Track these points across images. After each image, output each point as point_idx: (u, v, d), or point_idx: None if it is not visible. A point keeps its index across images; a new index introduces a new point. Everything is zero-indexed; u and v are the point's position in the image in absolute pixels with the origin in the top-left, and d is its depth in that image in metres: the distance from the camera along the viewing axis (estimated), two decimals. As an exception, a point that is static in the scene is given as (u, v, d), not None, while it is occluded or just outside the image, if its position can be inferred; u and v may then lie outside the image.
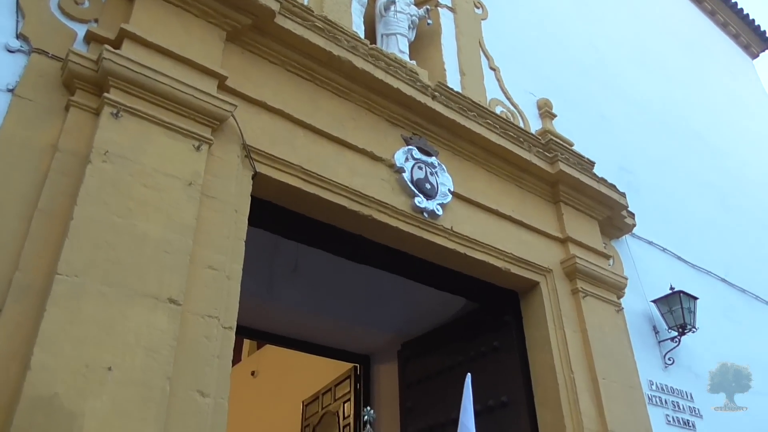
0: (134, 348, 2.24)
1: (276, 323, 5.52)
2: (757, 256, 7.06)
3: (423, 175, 3.81)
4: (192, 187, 2.70)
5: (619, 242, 5.28)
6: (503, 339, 4.39)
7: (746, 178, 8.12)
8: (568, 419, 3.80)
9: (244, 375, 7.78)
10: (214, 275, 2.66)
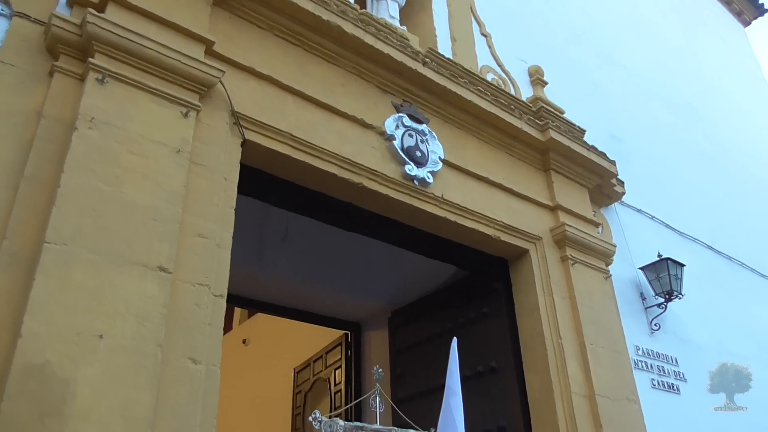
0: (125, 316, 2.24)
1: (267, 291, 5.53)
2: (744, 224, 7.14)
3: (413, 143, 3.79)
4: (180, 154, 2.67)
5: (609, 210, 5.31)
6: (493, 306, 4.43)
7: (735, 147, 8.15)
8: (556, 384, 3.87)
9: (235, 343, 7.84)
10: (203, 243, 2.65)
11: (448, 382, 2.28)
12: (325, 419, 2.75)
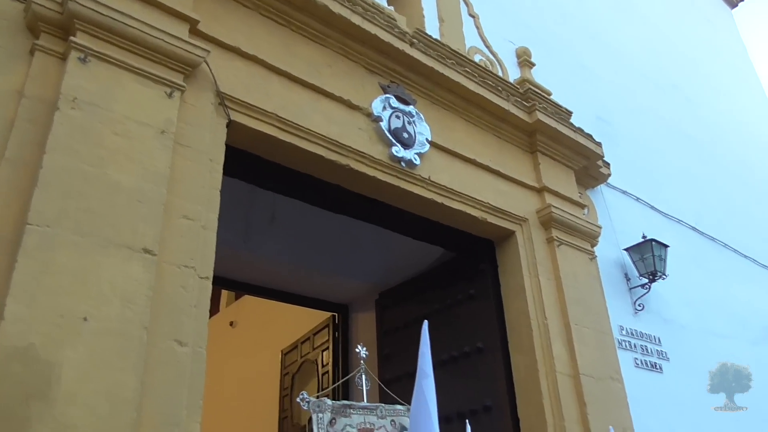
0: (110, 298, 2.23)
1: (253, 273, 5.52)
2: (727, 205, 7.22)
3: (401, 124, 3.78)
4: (165, 135, 2.64)
5: (594, 192, 5.34)
6: (479, 287, 4.46)
7: (720, 129, 8.21)
8: (541, 363, 3.92)
9: (222, 325, 7.83)
10: (189, 225, 2.63)
11: (419, 364, 2.38)
12: (313, 399, 2.77)
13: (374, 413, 3.04)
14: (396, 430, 3.14)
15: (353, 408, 2.96)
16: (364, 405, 3.01)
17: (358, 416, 2.96)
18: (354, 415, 2.95)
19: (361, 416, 2.98)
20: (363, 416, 2.99)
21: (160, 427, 2.22)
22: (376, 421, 3.02)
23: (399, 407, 3.23)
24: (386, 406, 3.10)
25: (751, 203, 7.76)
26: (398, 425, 3.17)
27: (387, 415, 3.06)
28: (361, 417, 2.98)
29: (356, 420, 2.95)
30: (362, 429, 2.94)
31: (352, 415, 2.94)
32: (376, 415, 3.03)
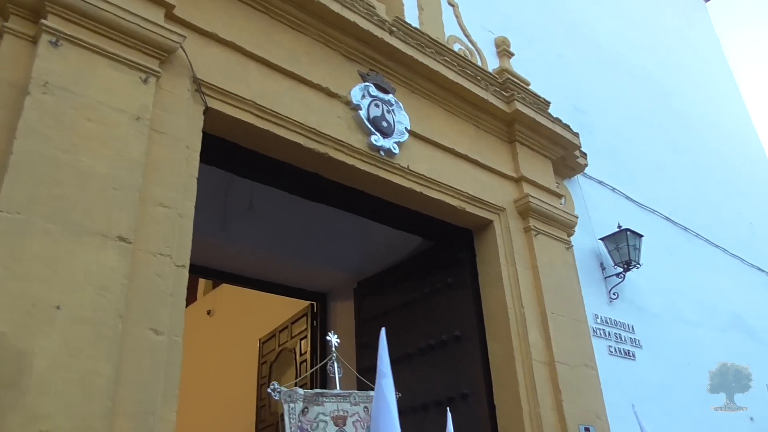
0: (83, 286, 2.19)
1: (231, 262, 5.49)
2: (700, 196, 7.35)
3: (380, 113, 3.76)
4: (140, 121, 2.60)
5: (571, 182, 5.39)
6: (457, 276, 4.49)
7: (693, 120, 8.34)
8: (518, 351, 3.96)
9: (199, 314, 7.78)
10: (165, 213, 2.60)
11: (378, 366, 2.44)
12: (284, 389, 2.76)
13: (347, 400, 3.02)
14: (369, 416, 3.11)
15: (326, 396, 2.95)
16: (336, 392, 3.00)
17: (331, 404, 2.95)
18: (327, 403, 2.94)
19: (334, 404, 2.96)
20: (336, 404, 2.98)
21: (135, 416, 2.21)
22: (349, 408, 3.01)
23: (372, 393, 3.23)
24: (359, 392, 3.08)
25: (722, 194, 7.91)
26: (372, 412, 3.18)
27: (360, 402, 3.05)
28: (334, 405, 2.96)
29: (329, 408, 2.94)
30: (335, 417, 2.93)
31: (324, 404, 2.93)
32: (349, 402, 3.01)
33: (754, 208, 8.56)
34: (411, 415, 4.22)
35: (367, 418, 3.10)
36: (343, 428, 2.93)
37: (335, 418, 2.93)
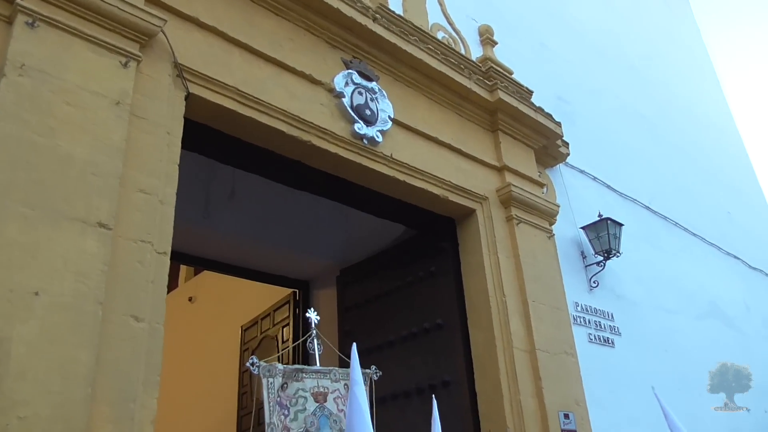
0: (62, 272, 2.17)
1: (213, 249, 5.46)
2: (680, 185, 7.45)
3: (363, 101, 3.75)
4: (120, 106, 2.56)
5: (553, 171, 5.43)
6: (440, 264, 4.51)
7: (674, 111, 8.42)
8: (499, 339, 4.00)
9: (181, 301, 7.74)
10: (146, 199, 2.57)
11: (351, 375, 2.48)
12: (263, 364, 2.72)
13: (328, 377, 2.99)
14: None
15: (305, 372, 2.91)
16: (316, 369, 2.97)
17: (311, 380, 2.91)
18: (307, 379, 2.90)
19: (314, 380, 2.93)
20: (316, 380, 2.94)
21: (115, 402, 2.19)
22: (329, 384, 2.97)
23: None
24: (340, 369, 3.05)
25: (701, 184, 8.02)
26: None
27: (341, 379, 3.01)
28: (314, 381, 2.93)
29: (309, 384, 2.90)
30: (315, 393, 2.90)
31: (304, 379, 2.89)
32: (329, 379, 2.98)
33: (731, 197, 8.69)
34: (392, 402, 4.25)
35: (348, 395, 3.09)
36: (324, 404, 2.91)
37: (315, 395, 2.90)
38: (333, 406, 2.94)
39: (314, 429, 2.83)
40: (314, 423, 2.85)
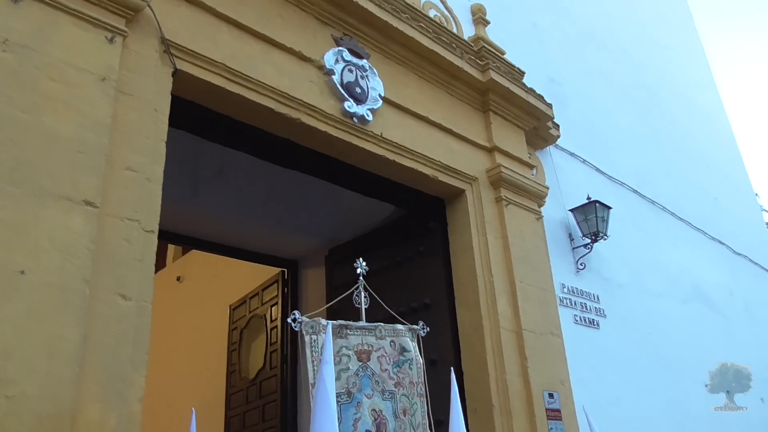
0: (49, 251, 2.15)
1: (201, 228, 5.43)
2: (668, 170, 7.48)
3: (353, 79, 3.72)
4: (106, 82, 2.52)
5: (543, 152, 5.43)
6: (428, 244, 4.52)
7: (665, 95, 8.43)
8: (486, 319, 4.03)
9: (169, 280, 7.71)
10: (133, 177, 2.55)
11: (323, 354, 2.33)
12: (306, 319, 2.60)
13: (373, 333, 2.85)
14: (396, 351, 2.96)
15: (350, 329, 2.77)
16: (361, 325, 2.83)
17: (355, 337, 2.77)
18: (351, 336, 2.76)
19: (358, 337, 2.79)
20: (361, 337, 2.80)
21: (104, 381, 2.19)
22: (374, 342, 2.84)
23: (400, 327, 3.04)
24: (385, 325, 2.90)
25: (689, 169, 8.07)
26: (398, 346, 2.98)
27: (386, 336, 2.89)
28: (359, 338, 2.79)
29: (353, 341, 2.77)
30: (359, 351, 2.77)
31: (348, 336, 2.75)
32: (374, 336, 2.85)
33: (718, 183, 8.76)
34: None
35: (394, 353, 2.92)
36: (367, 363, 2.79)
37: (359, 353, 2.77)
38: (376, 366, 2.81)
39: (356, 390, 2.72)
40: (356, 384, 2.73)
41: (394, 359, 2.92)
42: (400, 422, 2.84)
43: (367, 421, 2.72)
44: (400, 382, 2.92)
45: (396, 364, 2.93)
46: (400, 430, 2.83)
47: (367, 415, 2.73)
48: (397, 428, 2.82)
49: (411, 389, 2.95)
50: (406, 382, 2.94)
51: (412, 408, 2.92)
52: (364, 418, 2.71)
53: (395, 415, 2.84)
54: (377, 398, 2.79)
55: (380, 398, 2.80)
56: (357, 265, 2.99)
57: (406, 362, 2.98)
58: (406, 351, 2.99)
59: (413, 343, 3.07)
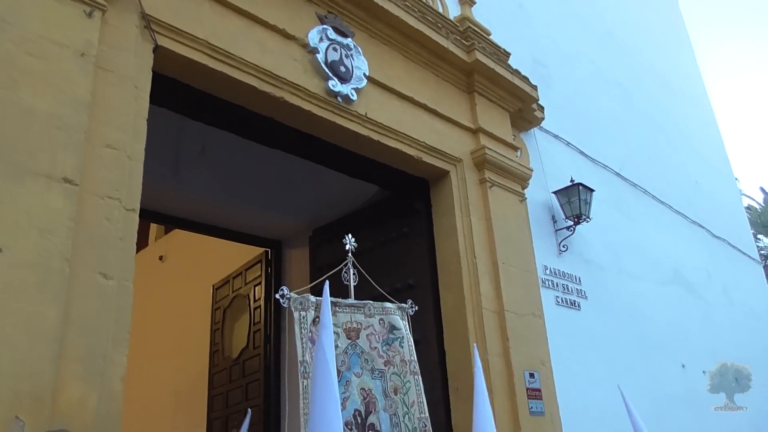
0: (27, 229, 2.11)
1: (184, 207, 5.39)
2: (650, 154, 7.54)
3: (338, 57, 3.68)
4: (85, 58, 2.47)
5: (528, 134, 5.44)
6: (412, 225, 4.52)
7: (648, 78, 8.47)
8: (469, 300, 4.05)
9: (151, 259, 7.66)
10: (113, 155, 2.51)
11: (321, 318, 2.26)
12: (294, 295, 2.57)
13: (362, 311, 2.83)
14: (385, 329, 2.95)
15: (339, 306, 2.76)
16: (350, 302, 2.81)
17: (344, 315, 2.75)
18: (340, 314, 2.75)
19: (347, 314, 2.77)
20: (350, 314, 2.78)
21: (84, 359, 2.18)
22: (363, 320, 2.82)
23: (389, 305, 3.02)
24: (374, 303, 2.88)
25: (671, 152, 8.14)
26: (387, 324, 2.97)
27: (375, 314, 2.88)
28: (348, 315, 2.77)
29: (342, 319, 2.74)
30: (348, 328, 2.76)
31: (337, 314, 2.73)
32: (363, 314, 2.83)
33: (700, 167, 8.85)
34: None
35: (383, 331, 2.90)
36: (356, 341, 2.78)
37: (348, 330, 2.76)
38: (365, 344, 2.80)
39: (344, 368, 2.71)
40: (345, 362, 2.72)
41: (384, 337, 2.91)
42: (390, 401, 2.85)
43: (356, 400, 2.72)
44: (390, 361, 2.92)
45: (385, 342, 2.94)
46: (390, 409, 2.84)
47: (356, 394, 2.73)
48: (387, 407, 2.83)
49: (403, 367, 2.95)
50: (397, 361, 2.95)
51: (405, 386, 2.92)
52: (353, 397, 2.71)
53: (385, 393, 2.85)
54: (366, 377, 2.79)
55: (369, 377, 2.80)
56: (346, 242, 2.96)
57: (396, 340, 2.98)
58: (395, 329, 2.98)
59: (403, 321, 3.07)
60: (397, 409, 2.83)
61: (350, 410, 2.68)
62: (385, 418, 2.79)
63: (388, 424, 2.78)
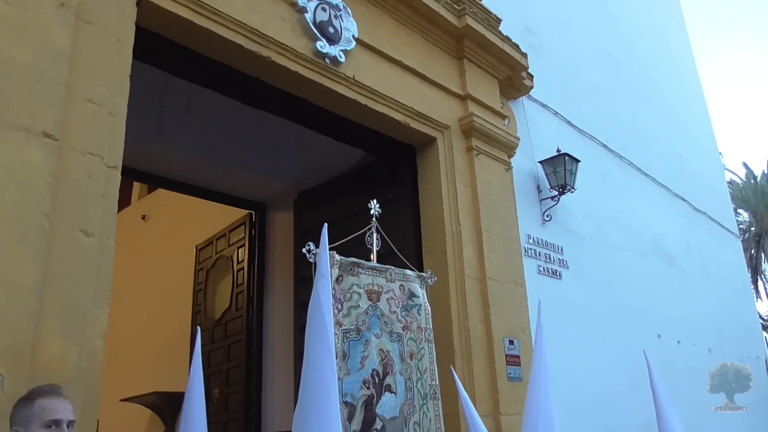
0: (5, 183, 2.08)
1: (168, 167, 5.32)
2: (636, 126, 7.55)
3: (326, 18, 3.61)
4: (65, 8, 2.39)
5: (516, 103, 5.42)
6: (398, 191, 4.51)
7: (639, 51, 8.43)
8: (452, 267, 4.08)
9: (134, 218, 7.60)
10: (95, 110, 2.46)
11: (318, 266, 2.16)
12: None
13: (383, 275, 2.92)
14: (405, 295, 3.04)
15: (362, 267, 2.83)
16: (373, 265, 2.88)
17: (366, 276, 2.83)
18: (362, 275, 2.83)
19: (369, 277, 2.85)
20: (372, 277, 2.86)
21: (64, 316, 2.17)
22: (384, 284, 2.90)
23: (409, 272, 3.13)
24: (396, 269, 2.96)
25: (657, 125, 8.16)
26: (407, 291, 3.07)
27: (396, 279, 2.96)
28: (370, 278, 2.85)
29: (364, 281, 2.82)
30: (369, 290, 2.82)
31: (360, 275, 2.82)
32: (385, 278, 2.91)
33: (685, 141, 8.90)
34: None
35: (403, 297, 2.99)
36: (377, 303, 2.85)
37: (369, 292, 2.83)
38: (386, 307, 2.88)
39: (365, 327, 2.78)
40: (365, 322, 2.80)
41: (403, 303, 3.01)
42: (406, 365, 2.95)
43: (375, 360, 2.80)
44: (408, 326, 3.01)
45: (404, 308, 3.03)
46: (406, 373, 2.93)
47: (375, 354, 2.81)
48: (403, 371, 2.92)
49: (419, 334, 3.05)
50: (414, 327, 3.04)
51: (420, 353, 3.03)
52: (372, 356, 2.79)
53: (401, 357, 2.94)
54: (385, 339, 2.87)
55: (388, 339, 2.88)
56: (371, 206, 3.02)
57: (414, 307, 3.07)
58: (414, 296, 3.06)
59: (422, 290, 3.16)
60: (412, 374, 2.94)
61: (368, 369, 2.76)
62: (401, 381, 2.89)
63: (403, 387, 2.89)
